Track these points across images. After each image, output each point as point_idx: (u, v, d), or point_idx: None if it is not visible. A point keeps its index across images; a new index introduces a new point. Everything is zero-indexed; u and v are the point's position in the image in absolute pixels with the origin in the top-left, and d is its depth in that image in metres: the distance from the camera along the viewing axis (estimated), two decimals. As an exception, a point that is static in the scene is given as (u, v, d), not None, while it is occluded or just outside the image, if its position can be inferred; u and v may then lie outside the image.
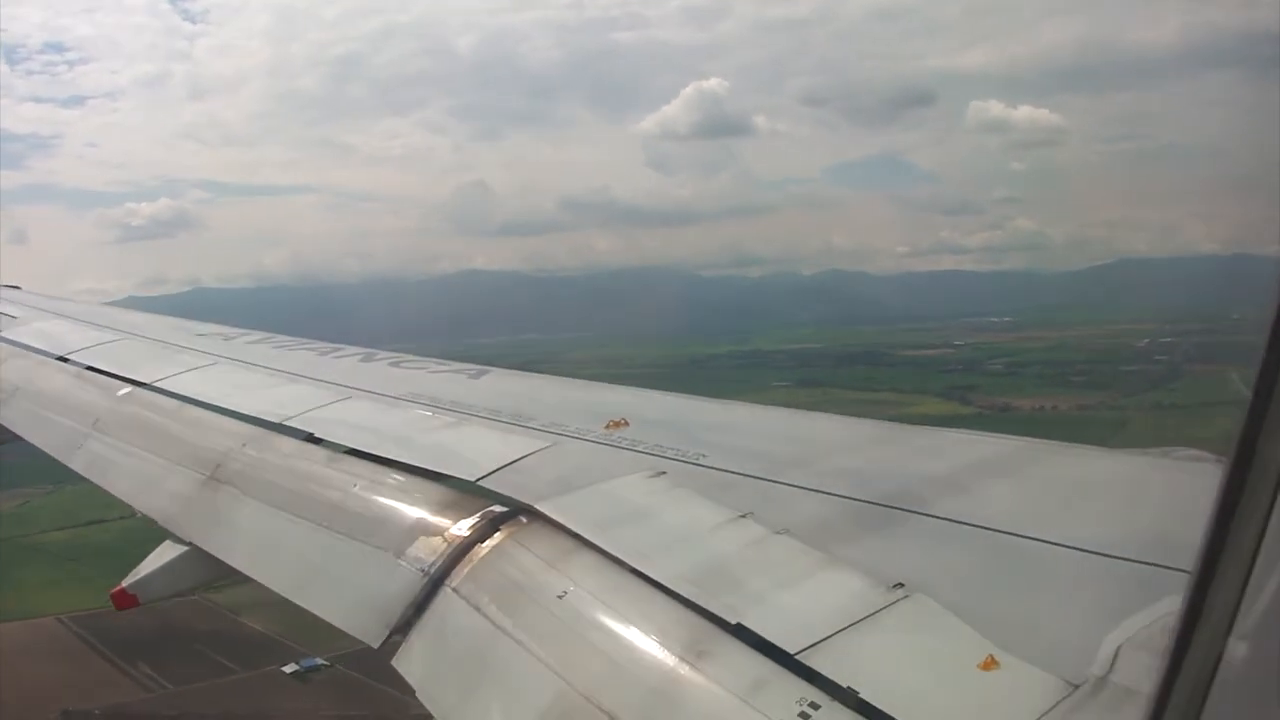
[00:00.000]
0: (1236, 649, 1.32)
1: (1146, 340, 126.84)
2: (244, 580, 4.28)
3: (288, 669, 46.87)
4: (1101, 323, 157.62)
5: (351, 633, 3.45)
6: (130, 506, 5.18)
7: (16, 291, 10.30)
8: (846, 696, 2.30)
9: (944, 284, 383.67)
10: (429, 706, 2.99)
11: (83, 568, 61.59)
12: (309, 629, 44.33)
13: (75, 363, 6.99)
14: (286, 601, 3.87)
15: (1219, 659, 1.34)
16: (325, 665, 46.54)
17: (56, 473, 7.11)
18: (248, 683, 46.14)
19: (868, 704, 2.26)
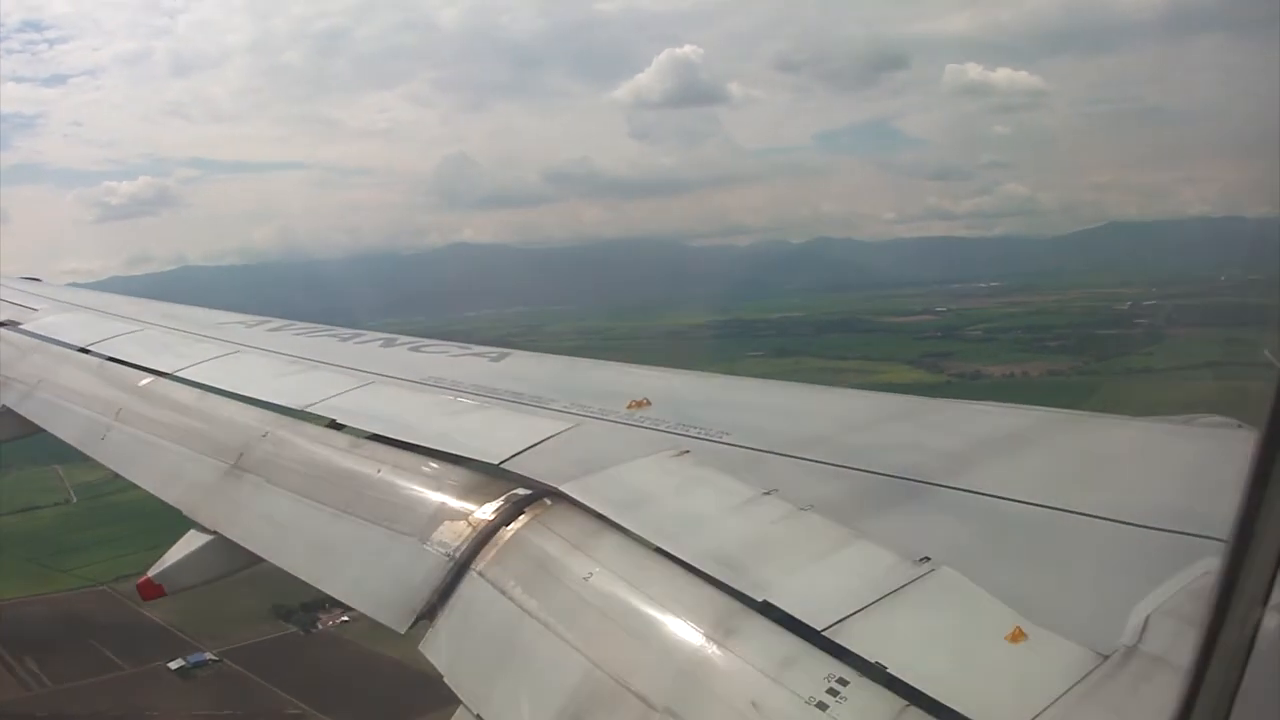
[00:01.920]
0: (1273, 618, 1.32)
1: (1129, 304, 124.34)
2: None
3: (173, 665, 44.68)
4: (1087, 287, 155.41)
5: (377, 618, 3.42)
6: (67, 494, 6.56)
7: (37, 284, 10.32)
8: (875, 672, 2.31)
9: (933, 250, 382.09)
10: (457, 691, 2.95)
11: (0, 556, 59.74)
12: (206, 620, 42.74)
13: (96, 354, 6.99)
14: (189, 592, 4.18)
15: (1256, 628, 1.33)
16: (213, 660, 45.07)
17: (3, 456, 7.60)
18: (128, 680, 44.01)
19: (896, 679, 2.26)
